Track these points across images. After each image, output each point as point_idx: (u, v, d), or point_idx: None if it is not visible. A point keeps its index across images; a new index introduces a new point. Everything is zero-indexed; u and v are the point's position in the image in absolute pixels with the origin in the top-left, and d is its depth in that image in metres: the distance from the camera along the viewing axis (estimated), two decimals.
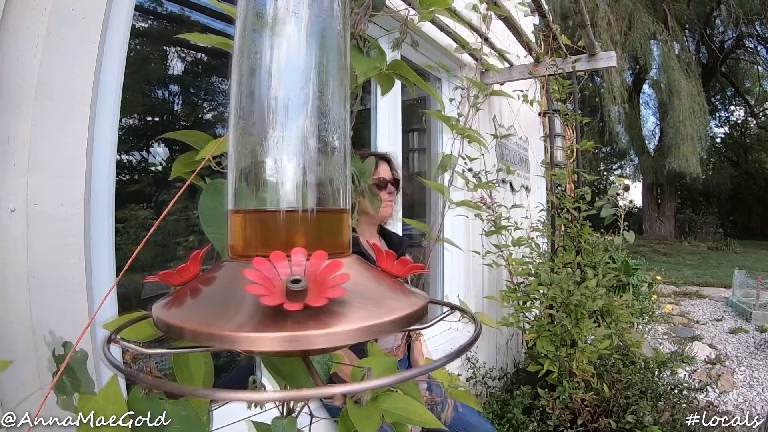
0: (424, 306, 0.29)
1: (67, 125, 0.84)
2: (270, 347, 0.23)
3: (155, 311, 0.27)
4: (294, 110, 0.29)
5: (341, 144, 0.31)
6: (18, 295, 0.78)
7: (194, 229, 1.45)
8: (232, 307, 0.25)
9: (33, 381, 0.77)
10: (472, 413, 1.53)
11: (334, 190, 0.30)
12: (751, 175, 15.75)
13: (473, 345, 0.29)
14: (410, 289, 0.31)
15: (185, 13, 1.62)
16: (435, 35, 2.14)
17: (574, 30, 7.16)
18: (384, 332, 0.25)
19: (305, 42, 0.30)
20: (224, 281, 0.28)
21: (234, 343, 0.23)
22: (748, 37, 12.43)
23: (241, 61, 0.30)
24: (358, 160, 0.66)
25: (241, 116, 0.30)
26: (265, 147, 0.29)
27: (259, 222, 0.30)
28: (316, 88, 0.30)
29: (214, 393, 0.24)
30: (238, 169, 0.30)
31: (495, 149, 2.75)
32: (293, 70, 0.30)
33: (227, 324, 0.24)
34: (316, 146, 0.29)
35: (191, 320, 0.25)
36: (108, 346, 0.29)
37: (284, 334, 0.22)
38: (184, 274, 0.30)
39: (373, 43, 0.58)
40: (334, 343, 0.23)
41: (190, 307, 0.27)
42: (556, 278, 2.20)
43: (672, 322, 4.94)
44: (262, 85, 0.29)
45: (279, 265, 0.25)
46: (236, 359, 1.57)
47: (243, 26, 0.30)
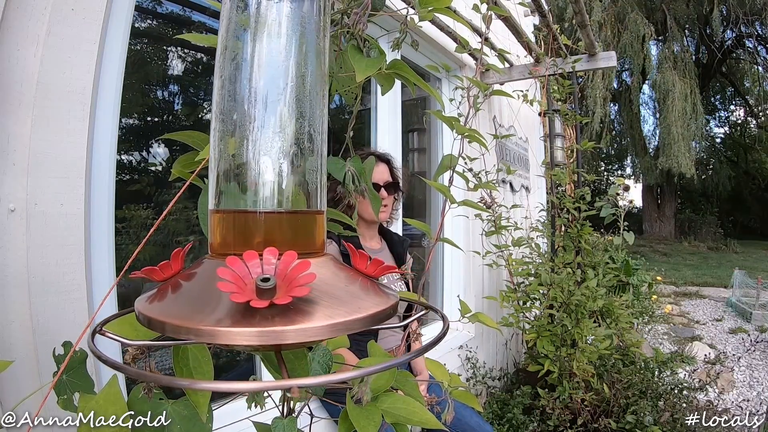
0: (392, 305, 0.30)
1: (67, 125, 0.84)
2: (244, 341, 0.24)
3: (138, 305, 0.29)
4: (272, 113, 0.30)
5: (317, 147, 0.32)
6: (18, 295, 0.78)
7: (194, 229, 1.45)
8: (209, 303, 0.26)
9: (33, 381, 0.77)
10: (472, 415, 1.53)
11: (309, 192, 0.32)
12: (751, 175, 15.75)
13: (439, 342, 0.31)
14: (382, 288, 0.32)
15: (185, 13, 1.62)
16: (435, 35, 2.14)
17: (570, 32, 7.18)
18: (351, 330, 0.26)
19: (284, 47, 0.31)
20: (202, 278, 0.30)
21: (211, 337, 0.24)
22: (748, 37, 12.42)
23: (223, 65, 0.31)
24: (358, 160, 0.66)
25: (220, 119, 0.31)
26: (243, 149, 0.30)
27: (235, 221, 0.31)
28: (295, 91, 0.31)
29: (214, 385, 0.25)
30: (217, 169, 0.31)
31: (495, 149, 2.75)
32: (272, 73, 0.31)
33: (205, 319, 0.25)
34: (292, 149, 0.31)
35: (171, 315, 0.26)
36: (93, 337, 0.30)
37: (257, 329, 0.24)
38: (167, 270, 0.31)
39: (372, 43, 0.58)
40: (306, 338, 0.24)
41: (171, 302, 0.28)
42: (557, 278, 2.20)
43: (672, 322, 4.94)
44: (242, 88, 0.30)
45: (251, 264, 0.26)
46: (236, 359, 1.57)
47: (225, 30, 0.31)
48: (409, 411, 0.60)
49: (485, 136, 0.95)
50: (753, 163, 15.60)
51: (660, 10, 11.95)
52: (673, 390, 2.15)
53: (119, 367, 0.27)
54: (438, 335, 0.32)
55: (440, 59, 2.35)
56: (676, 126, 10.40)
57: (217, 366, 0.51)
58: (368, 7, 0.55)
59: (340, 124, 1.94)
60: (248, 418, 0.65)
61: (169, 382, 0.28)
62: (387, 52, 0.59)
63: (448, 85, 2.46)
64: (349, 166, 0.64)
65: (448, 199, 0.85)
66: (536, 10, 2.56)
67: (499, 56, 2.34)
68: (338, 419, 0.59)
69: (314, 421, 0.67)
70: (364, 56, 0.56)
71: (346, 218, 0.66)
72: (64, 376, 0.52)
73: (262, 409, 0.64)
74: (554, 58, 2.60)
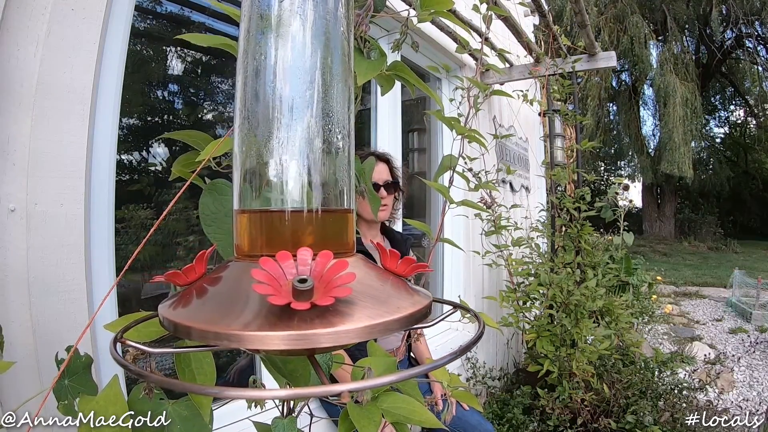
0: (428, 305, 0.29)
1: (67, 125, 0.84)
2: (277, 346, 0.23)
3: (162, 311, 0.28)
4: (298, 111, 0.29)
5: (345, 144, 0.31)
6: (18, 295, 0.78)
7: (194, 229, 1.45)
8: (238, 306, 0.25)
9: (33, 381, 0.77)
10: (473, 413, 1.54)
11: (339, 190, 0.31)
12: (751, 175, 15.74)
13: (476, 344, 0.30)
14: (413, 288, 0.32)
15: (185, 13, 1.62)
16: (435, 35, 2.14)
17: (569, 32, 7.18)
18: (389, 331, 0.25)
19: (309, 43, 0.30)
20: (230, 281, 0.29)
21: (241, 342, 0.23)
22: (748, 37, 12.42)
23: (246, 62, 0.30)
24: (358, 160, 0.66)
25: (246, 117, 0.30)
26: (270, 147, 0.29)
27: (264, 222, 0.30)
28: (321, 88, 0.30)
29: (223, 391, 0.25)
30: (243, 169, 0.30)
31: (495, 149, 2.75)
32: (297, 71, 0.30)
33: (234, 323, 0.24)
34: (321, 147, 0.30)
35: (198, 319, 0.25)
36: (115, 346, 0.29)
37: (291, 332, 0.23)
38: (190, 274, 0.30)
39: (373, 44, 0.58)
40: (341, 341, 0.23)
41: (197, 306, 0.27)
42: (556, 278, 2.20)
43: (672, 322, 4.94)
44: (267, 86, 0.30)
45: (285, 265, 0.25)
46: (236, 359, 1.57)
47: (247, 28, 0.30)
48: (409, 410, 0.60)
49: (485, 136, 0.95)
50: (753, 163, 15.60)
51: (660, 11, 11.95)
52: (673, 390, 2.15)
53: (146, 376, 0.26)
54: (475, 336, 0.31)
55: (440, 59, 2.35)
56: (677, 131, 10.57)
57: (218, 366, 0.51)
58: (371, 9, 0.55)
59: None
60: (248, 418, 0.65)
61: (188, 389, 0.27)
62: (387, 53, 0.59)
63: (448, 86, 2.46)
64: None
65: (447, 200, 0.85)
66: (536, 10, 2.56)
67: (499, 56, 2.34)
68: (338, 419, 0.59)
69: (314, 421, 0.67)
70: (365, 58, 0.56)
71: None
72: (67, 380, 0.52)
73: (262, 409, 0.65)
74: (554, 58, 2.60)
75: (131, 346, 0.29)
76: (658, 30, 12.15)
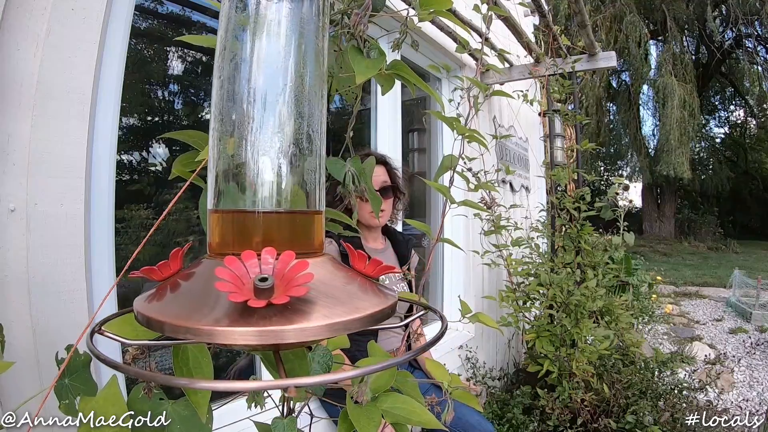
0: (390, 305, 0.30)
1: (67, 125, 0.84)
2: (242, 341, 0.24)
3: (137, 305, 0.29)
4: (269, 114, 0.30)
5: (316, 147, 0.32)
6: (18, 295, 0.78)
7: (194, 229, 1.45)
8: (208, 302, 0.26)
9: (33, 381, 0.77)
10: (472, 413, 1.53)
11: (308, 192, 0.32)
12: (751, 175, 15.74)
13: (437, 342, 0.32)
14: (381, 288, 0.33)
15: (185, 13, 1.62)
16: (435, 35, 2.14)
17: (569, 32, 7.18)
18: (350, 329, 0.26)
19: (283, 47, 0.31)
20: (201, 278, 0.30)
21: (209, 337, 0.24)
22: (747, 37, 12.42)
23: (221, 65, 0.31)
24: (358, 160, 0.66)
25: (220, 119, 0.31)
26: (241, 149, 0.30)
27: (233, 221, 0.31)
28: (292, 92, 0.31)
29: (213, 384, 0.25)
30: (216, 170, 0.31)
31: (495, 149, 2.75)
32: (270, 74, 0.31)
33: (203, 318, 0.25)
34: (291, 149, 0.31)
35: (170, 314, 0.26)
36: (91, 338, 0.30)
37: (255, 328, 0.24)
38: (165, 270, 0.31)
39: (373, 44, 0.58)
40: (301, 338, 0.25)
41: (170, 301, 0.28)
42: (556, 278, 2.20)
43: (672, 322, 4.94)
44: (240, 89, 0.31)
45: (249, 264, 0.26)
46: (236, 359, 1.57)
47: (225, 30, 0.31)
48: (409, 411, 0.60)
49: (485, 136, 0.95)
50: (753, 163, 15.60)
51: (659, 11, 11.95)
52: (673, 390, 2.15)
53: (118, 366, 0.27)
54: (436, 335, 0.32)
55: (440, 59, 2.34)
56: (674, 133, 10.78)
57: (217, 366, 0.51)
58: (369, 8, 0.55)
59: (341, 124, 1.94)
60: (248, 417, 0.65)
61: (167, 381, 0.28)
62: (387, 53, 0.59)
63: (448, 86, 2.46)
64: (348, 166, 0.64)
65: (448, 200, 0.85)
66: (536, 10, 2.56)
67: (499, 56, 2.34)
68: (338, 419, 0.59)
69: (314, 421, 0.67)
70: (365, 57, 0.56)
71: (346, 218, 0.66)
72: (67, 380, 0.52)
73: (262, 409, 0.64)
74: (554, 58, 2.60)
75: (109, 337, 0.30)
76: (658, 30, 12.16)
